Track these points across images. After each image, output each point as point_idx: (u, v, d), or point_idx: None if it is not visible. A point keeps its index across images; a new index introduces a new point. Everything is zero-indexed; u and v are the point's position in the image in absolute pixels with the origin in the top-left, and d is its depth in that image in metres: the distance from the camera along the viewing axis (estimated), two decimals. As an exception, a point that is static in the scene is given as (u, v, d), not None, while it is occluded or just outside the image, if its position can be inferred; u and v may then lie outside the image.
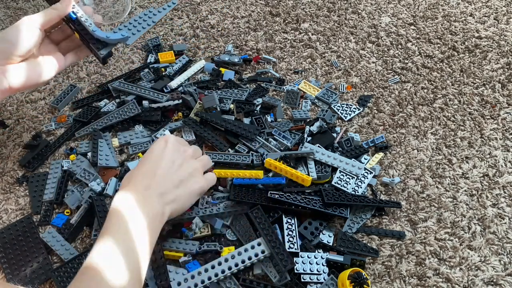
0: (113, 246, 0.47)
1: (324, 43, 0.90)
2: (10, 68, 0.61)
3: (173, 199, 0.55)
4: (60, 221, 0.64)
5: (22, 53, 0.61)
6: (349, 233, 0.61)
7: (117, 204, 0.51)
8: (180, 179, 0.56)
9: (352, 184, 0.65)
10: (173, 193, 0.55)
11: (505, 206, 0.63)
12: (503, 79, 0.80)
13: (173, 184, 0.55)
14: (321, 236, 0.60)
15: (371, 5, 0.97)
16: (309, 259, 0.57)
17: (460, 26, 0.90)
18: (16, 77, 0.61)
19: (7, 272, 0.59)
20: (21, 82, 0.62)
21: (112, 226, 0.49)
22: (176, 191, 0.55)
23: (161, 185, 0.54)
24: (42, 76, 0.64)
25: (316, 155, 0.67)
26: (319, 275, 0.56)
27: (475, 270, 0.57)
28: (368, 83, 0.82)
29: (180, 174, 0.57)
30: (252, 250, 0.56)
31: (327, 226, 0.62)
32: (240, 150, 0.70)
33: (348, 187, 0.65)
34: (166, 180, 0.55)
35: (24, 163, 0.72)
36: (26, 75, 0.62)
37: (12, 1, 1.06)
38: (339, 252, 0.58)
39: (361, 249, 0.59)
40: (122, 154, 0.73)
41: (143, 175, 0.55)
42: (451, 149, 0.70)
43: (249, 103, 0.78)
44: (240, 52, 0.90)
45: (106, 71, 0.87)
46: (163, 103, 0.76)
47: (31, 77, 0.63)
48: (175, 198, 0.55)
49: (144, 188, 0.53)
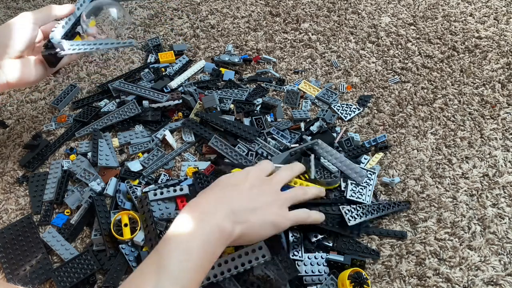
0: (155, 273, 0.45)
1: (324, 43, 0.90)
2: (7, 63, 0.61)
3: (244, 220, 0.51)
4: (60, 221, 0.64)
5: (20, 48, 0.61)
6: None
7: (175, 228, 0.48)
8: (255, 205, 0.53)
9: (367, 192, 0.63)
10: (245, 215, 0.51)
11: (505, 206, 0.63)
12: (503, 79, 0.80)
13: (247, 207, 0.52)
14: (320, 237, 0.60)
15: (371, 5, 0.97)
16: (309, 260, 0.57)
17: (460, 26, 0.90)
18: (12, 72, 0.61)
19: (7, 272, 0.59)
20: (17, 78, 0.62)
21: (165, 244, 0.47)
22: (248, 214, 0.52)
23: (234, 203, 0.51)
24: (35, 75, 0.65)
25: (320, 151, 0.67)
26: (321, 275, 0.56)
27: (475, 270, 0.57)
28: (368, 83, 0.82)
29: (257, 202, 0.53)
30: (253, 253, 0.54)
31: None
32: (239, 151, 0.70)
33: (363, 197, 0.63)
34: (241, 199, 0.52)
35: (24, 163, 0.72)
36: (22, 72, 0.63)
37: (12, 1, 1.06)
38: (339, 252, 0.58)
39: (362, 251, 0.59)
40: (122, 154, 0.73)
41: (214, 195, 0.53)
42: (451, 149, 0.70)
43: (249, 103, 0.78)
44: (240, 52, 0.90)
45: (106, 71, 0.87)
46: (163, 103, 0.76)
47: (26, 75, 0.63)
48: (246, 219, 0.51)
49: (216, 202, 0.51)
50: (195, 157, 0.72)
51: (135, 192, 0.65)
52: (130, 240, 0.60)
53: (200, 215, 0.49)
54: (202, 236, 0.48)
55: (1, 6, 1.05)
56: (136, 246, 0.60)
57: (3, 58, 0.61)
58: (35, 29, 0.63)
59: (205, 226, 0.48)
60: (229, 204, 0.51)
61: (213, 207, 0.51)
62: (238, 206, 0.52)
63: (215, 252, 0.48)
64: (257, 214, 0.52)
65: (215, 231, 0.48)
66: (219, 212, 0.50)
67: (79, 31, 0.70)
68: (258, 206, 0.53)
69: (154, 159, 0.71)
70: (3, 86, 0.62)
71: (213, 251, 0.48)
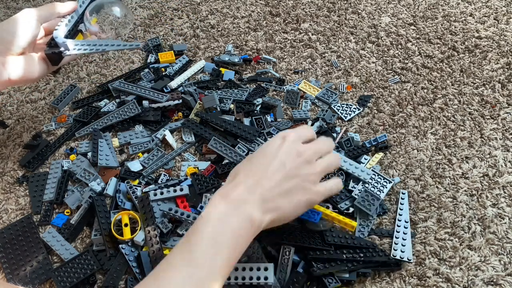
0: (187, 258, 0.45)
1: (324, 43, 0.90)
2: (9, 60, 0.61)
3: (275, 208, 0.50)
4: (60, 221, 0.64)
5: (22, 45, 0.61)
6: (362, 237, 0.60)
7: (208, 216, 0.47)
8: (286, 188, 0.50)
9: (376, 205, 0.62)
10: (276, 202, 0.50)
11: (505, 206, 0.63)
12: (503, 79, 0.80)
13: (279, 192, 0.50)
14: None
15: (371, 5, 0.97)
16: None
17: (460, 26, 0.90)
18: (15, 69, 0.61)
19: (7, 272, 0.59)
20: (19, 75, 0.62)
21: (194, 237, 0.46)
22: (280, 200, 0.50)
23: (265, 189, 0.49)
24: (36, 72, 0.65)
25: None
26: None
27: (475, 270, 0.57)
28: (368, 83, 0.82)
29: (289, 183, 0.51)
30: (257, 272, 0.53)
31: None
32: (239, 151, 0.70)
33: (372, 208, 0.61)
34: (272, 184, 0.50)
35: (24, 163, 0.72)
36: (24, 69, 0.63)
37: (12, 1, 1.06)
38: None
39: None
40: (122, 154, 0.73)
41: (249, 173, 0.51)
42: (451, 149, 0.70)
43: (249, 103, 0.78)
44: (240, 52, 0.90)
45: (106, 71, 0.87)
46: (163, 103, 0.76)
47: (28, 72, 0.63)
48: (277, 207, 0.50)
49: (247, 190, 0.49)
50: (195, 157, 0.72)
51: (135, 192, 0.65)
52: (130, 240, 0.60)
53: (231, 204, 0.48)
54: (232, 230, 0.47)
55: (1, 6, 1.05)
56: (136, 246, 0.60)
57: (5, 55, 0.61)
58: (38, 26, 0.63)
59: (235, 217, 0.47)
60: (260, 190, 0.49)
61: (245, 194, 0.49)
62: (269, 192, 0.49)
63: (245, 242, 0.48)
64: (289, 197, 0.50)
65: (246, 222, 0.47)
66: (250, 200, 0.48)
67: (81, 29, 0.70)
68: (290, 187, 0.51)
69: (154, 159, 0.71)
70: (5, 82, 0.62)
71: (243, 242, 0.47)
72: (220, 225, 0.47)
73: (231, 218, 0.47)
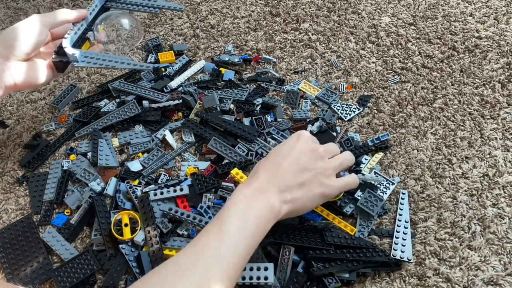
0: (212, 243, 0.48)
1: (324, 43, 0.90)
2: (16, 65, 0.61)
3: (291, 199, 0.53)
4: (60, 221, 0.64)
5: (27, 50, 0.62)
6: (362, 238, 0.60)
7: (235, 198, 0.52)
8: (302, 180, 0.54)
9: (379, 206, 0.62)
10: (293, 193, 0.53)
11: (505, 206, 0.63)
12: (503, 79, 0.80)
13: (295, 184, 0.54)
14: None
15: (371, 5, 0.97)
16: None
17: (460, 26, 0.90)
18: (20, 75, 0.62)
19: (7, 272, 0.59)
20: (24, 81, 0.63)
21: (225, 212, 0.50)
22: (296, 191, 0.54)
23: (282, 181, 0.53)
24: (41, 78, 0.65)
25: None
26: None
27: (475, 270, 0.57)
28: (368, 83, 0.82)
29: (303, 176, 0.54)
30: (257, 271, 0.53)
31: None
32: (239, 151, 0.70)
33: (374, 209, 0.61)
34: (289, 177, 0.54)
35: (24, 163, 0.72)
36: (29, 75, 0.63)
37: (12, 1, 1.06)
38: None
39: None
40: (122, 154, 0.73)
41: (267, 168, 0.55)
42: (451, 149, 0.70)
43: (249, 103, 0.78)
44: (240, 52, 0.90)
45: (106, 71, 0.87)
46: (163, 103, 0.76)
47: (34, 77, 0.64)
48: (294, 198, 0.53)
49: (266, 181, 0.53)
50: (195, 157, 0.72)
51: (135, 192, 0.65)
52: (130, 240, 0.60)
53: (254, 192, 0.52)
54: (256, 211, 0.51)
55: (1, 6, 1.05)
56: (136, 246, 0.60)
57: (11, 60, 0.61)
58: (44, 32, 0.63)
59: (258, 202, 0.51)
60: (278, 182, 0.53)
61: (265, 184, 0.53)
62: (285, 184, 0.53)
63: (266, 226, 0.51)
64: (304, 189, 0.54)
65: (267, 208, 0.51)
66: (270, 190, 0.53)
67: (89, 37, 0.70)
68: (305, 180, 0.54)
69: (154, 159, 0.71)
70: (11, 87, 0.62)
71: (264, 226, 0.51)
72: (246, 205, 0.51)
73: (255, 202, 0.51)
